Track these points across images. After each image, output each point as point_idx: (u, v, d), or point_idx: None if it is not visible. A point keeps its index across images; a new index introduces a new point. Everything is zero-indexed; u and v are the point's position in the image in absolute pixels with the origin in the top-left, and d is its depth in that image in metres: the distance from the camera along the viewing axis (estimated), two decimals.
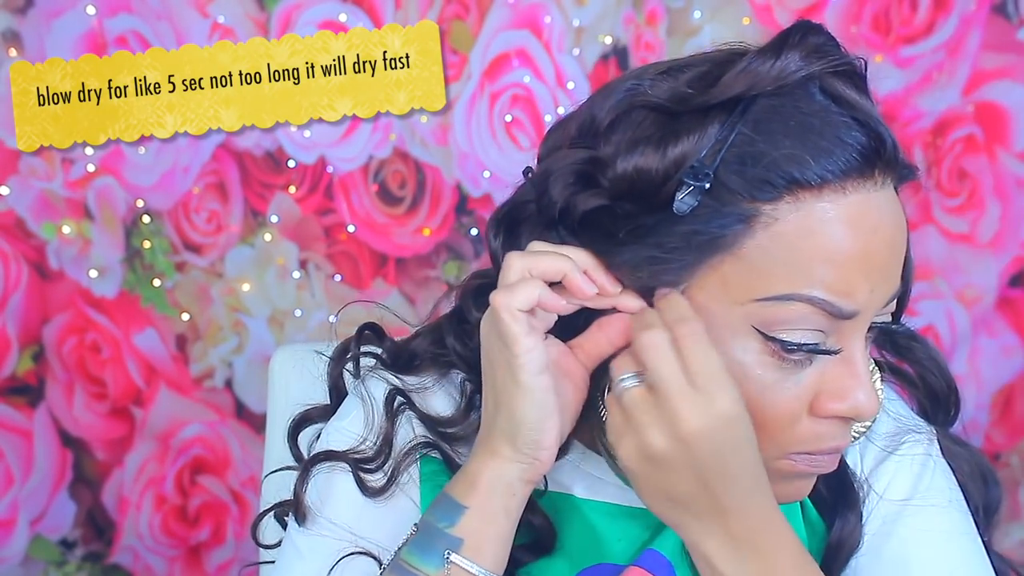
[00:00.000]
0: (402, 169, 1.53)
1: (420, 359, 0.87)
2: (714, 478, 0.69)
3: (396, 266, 1.55)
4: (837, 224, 0.69)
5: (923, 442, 0.84)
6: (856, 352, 0.72)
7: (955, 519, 0.82)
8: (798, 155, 0.69)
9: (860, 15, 1.51)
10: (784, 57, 0.71)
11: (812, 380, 0.72)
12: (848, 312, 0.70)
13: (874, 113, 0.72)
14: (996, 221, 1.57)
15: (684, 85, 0.72)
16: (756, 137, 0.70)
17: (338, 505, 0.83)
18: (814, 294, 0.69)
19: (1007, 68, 1.54)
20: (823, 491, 0.83)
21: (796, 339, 0.70)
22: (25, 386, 1.56)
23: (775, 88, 0.71)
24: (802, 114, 0.71)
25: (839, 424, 0.73)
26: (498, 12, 1.50)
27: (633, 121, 0.73)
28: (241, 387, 1.57)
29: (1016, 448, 1.63)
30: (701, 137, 0.71)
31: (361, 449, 0.84)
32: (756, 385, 0.71)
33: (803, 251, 0.69)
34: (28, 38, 1.48)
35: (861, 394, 0.72)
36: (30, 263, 1.53)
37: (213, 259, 1.54)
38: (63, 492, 1.58)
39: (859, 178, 0.70)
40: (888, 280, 0.72)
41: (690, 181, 0.70)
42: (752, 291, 0.70)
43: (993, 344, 1.60)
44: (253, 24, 1.49)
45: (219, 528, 1.60)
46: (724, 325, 0.71)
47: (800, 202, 0.69)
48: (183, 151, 1.51)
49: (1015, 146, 1.55)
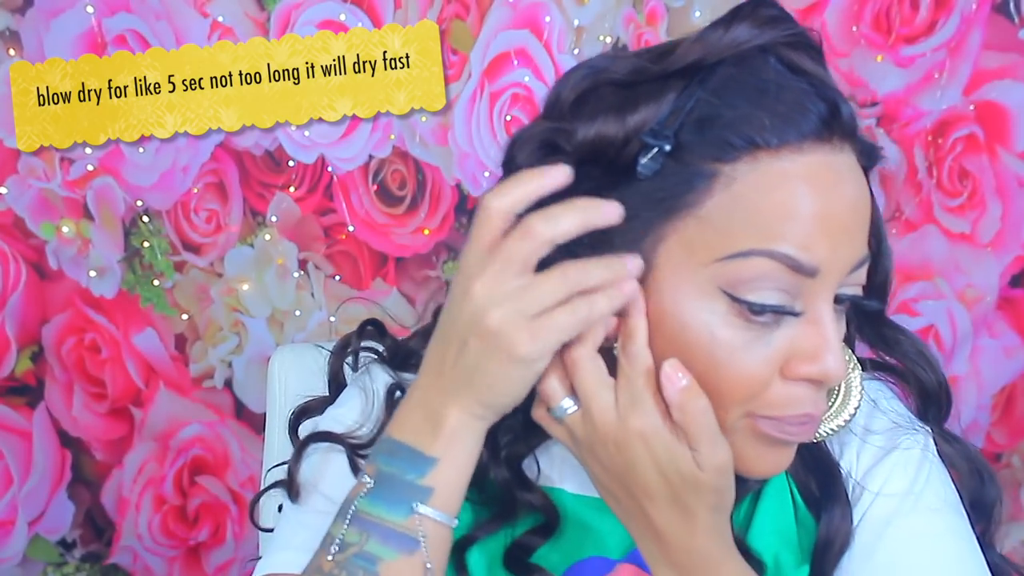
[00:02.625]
0: (402, 169, 1.53)
1: (416, 357, 0.87)
2: (641, 497, 0.73)
3: (396, 266, 1.55)
4: (795, 181, 0.71)
5: (919, 442, 0.84)
6: (824, 315, 0.73)
7: (949, 521, 0.82)
8: (756, 117, 0.71)
9: (861, 15, 1.51)
10: (735, 27, 0.74)
11: (782, 344, 0.73)
12: (809, 267, 0.71)
13: (830, 82, 0.75)
14: (997, 221, 1.56)
15: (643, 60, 0.75)
16: (715, 101, 0.72)
17: (332, 481, 0.84)
18: (775, 248, 0.71)
19: (1008, 68, 1.54)
20: (815, 488, 0.84)
21: (761, 299, 0.71)
22: (24, 386, 1.56)
23: (733, 58, 0.73)
24: (760, 80, 0.73)
25: (809, 388, 0.74)
26: (498, 12, 1.50)
27: (596, 97, 0.75)
28: (241, 387, 1.57)
29: (1017, 448, 1.63)
30: (659, 105, 0.73)
31: (357, 434, 0.85)
32: (726, 348, 0.72)
33: (762, 209, 0.71)
34: (28, 38, 1.48)
35: (830, 356, 0.72)
36: (29, 263, 1.53)
37: (213, 259, 1.54)
38: (62, 492, 1.58)
39: (816, 140, 0.72)
40: (851, 241, 0.73)
41: (650, 141, 0.72)
42: (715, 251, 0.71)
43: (994, 344, 1.60)
44: (253, 24, 1.49)
45: (218, 528, 1.60)
46: (692, 290, 0.72)
47: (758, 162, 0.71)
48: (183, 151, 1.51)
49: (1016, 146, 1.55)
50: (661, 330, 0.73)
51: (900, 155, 1.54)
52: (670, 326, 0.72)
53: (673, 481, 0.73)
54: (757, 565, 0.80)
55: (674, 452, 0.72)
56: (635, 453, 0.72)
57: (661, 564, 0.75)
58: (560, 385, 0.74)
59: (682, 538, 0.74)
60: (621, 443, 0.73)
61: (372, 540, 0.73)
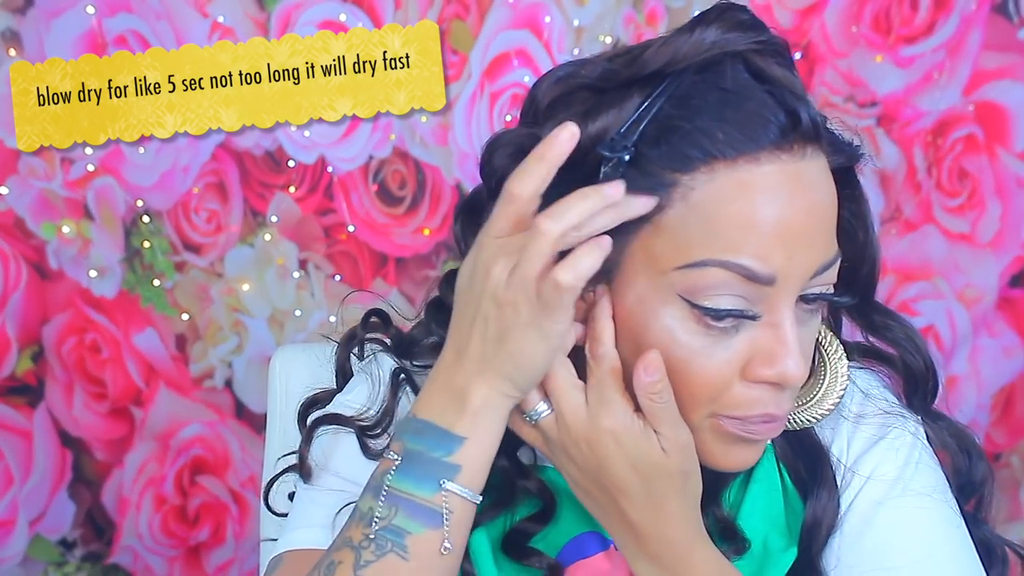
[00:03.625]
0: (402, 169, 1.53)
1: (419, 346, 0.90)
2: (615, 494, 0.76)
3: (396, 266, 1.55)
4: (750, 192, 0.72)
5: (909, 429, 0.86)
6: (784, 320, 0.74)
7: (938, 506, 0.83)
8: (713, 128, 0.72)
9: (860, 15, 1.51)
10: (701, 31, 0.74)
11: (742, 347, 0.74)
12: (764, 277, 0.72)
13: (795, 88, 0.75)
14: (996, 221, 1.57)
15: (615, 65, 0.76)
16: (675, 112, 0.73)
17: (343, 460, 0.86)
18: (729, 259, 0.72)
19: (1007, 68, 1.54)
20: (803, 473, 0.85)
21: (719, 305, 0.73)
22: (25, 386, 1.56)
23: (699, 65, 0.74)
24: (721, 89, 0.74)
25: (770, 390, 0.75)
26: (498, 12, 1.50)
27: (569, 101, 0.77)
28: (241, 387, 1.57)
29: (1016, 448, 1.63)
30: (620, 112, 0.74)
31: (365, 416, 0.87)
32: (685, 351, 0.74)
33: (718, 219, 0.72)
34: (28, 38, 1.48)
35: (790, 361, 0.74)
36: (30, 263, 1.53)
37: (213, 259, 1.54)
38: (63, 492, 1.58)
39: (774, 150, 0.73)
40: (809, 248, 0.74)
41: (607, 153, 0.73)
42: (674, 260, 0.73)
43: (994, 344, 1.60)
44: (253, 24, 1.49)
45: (219, 528, 1.60)
46: (654, 296, 0.74)
47: (715, 172, 0.72)
48: (183, 151, 1.51)
49: (1015, 146, 1.55)
50: (625, 333, 0.75)
51: (900, 155, 1.55)
52: (634, 329, 0.75)
53: (644, 472, 0.75)
54: (742, 544, 0.83)
55: (642, 444, 0.75)
56: (607, 451, 0.75)
57: (638, 558, 0.78)
58: (534, 390, 0.77)
59: (656, 529, 0.76)
60: (593, 442, 0.75)
61: (400, 514, 0.74)
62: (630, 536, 0.77)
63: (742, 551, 0.82)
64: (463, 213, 0.85)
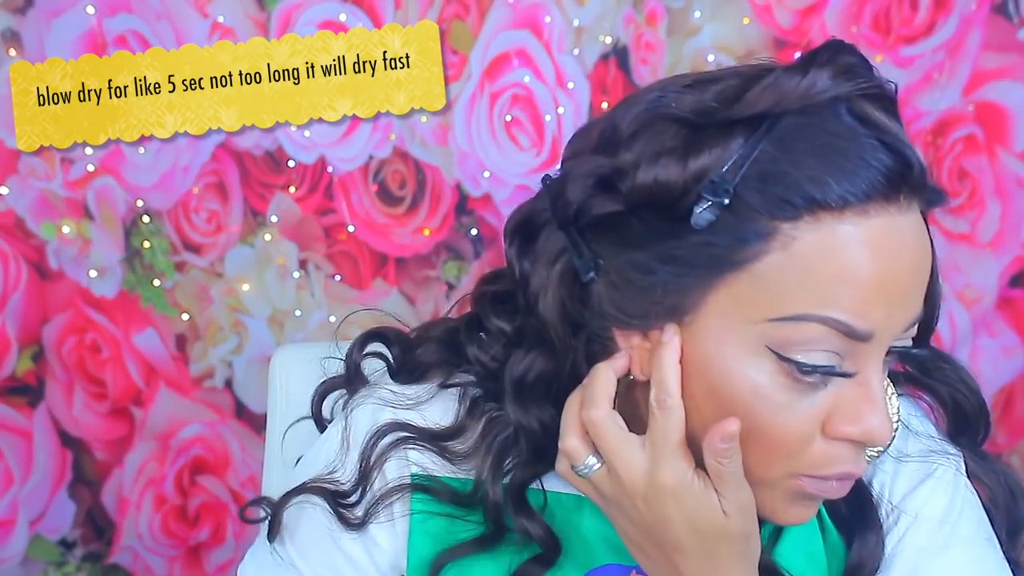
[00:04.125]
0: (402, 169, 1.53)
1: (428, 369, 0.86)
2: (671, 552, 0.74)
3: (396, 266, 1.55)
4: (857, 246, 0.68)
5: (952, 466, 0.83)
6: (872, 376, 0.71)
7: (988, 555, 0.81)
8: (820, 175, 0.68)
9: (860, 15, 1.51)
10: (811, 75, 0.70)
11: (826, 402, 0.71)
12: (864, 334, 0.69)
13: (903, 136, 0.71)
14: (996, 221, 1.57)
15: (709, 99, 0.72)
16: (779, 155, 0.69)
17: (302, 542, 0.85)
18: (829, 315, 0.68)
19: (1007, 68, 1.54)
20: (844, 511, 0.83)
21: (811, 360, 0.70)
22: (25, 386, 1.56)
23: (802, 107, 0.70)
24: (828, 134, 0.70)
25: (851, 448, 0.72)
26: (498, 12, 1.50)
27: (655, 132, 0.72)
28: (241, 387, 1.57)
29: (1016, 448, 1.63)
30: (723, 152, 0.70)
31: (332, 478, 0.84)
32: (769, 405, 0.71)
33: (821, 272, 0.68)
34: (28, 38, 1.48)
35: (875, 419, 0.71)
36: (30, 263, 1.53)
37: (213, 259, 1.54)
38: (63, 492, 1.58)
39: (883, 201, 0.69)
40: (907, 305, 0.71)
41: (709, 196, 0.69)
42: (767, 310, 0.69)
43: (993, 344, 1.60)
44: (253, 24, 1.49)
45: (219, 528, 1.60)
46: (738, 344, 0.70)
47: (820, 223, 0.68)
48: (183, 151, 1.51)
49: (1015, 146, 1.55)
50: (700, 379, 0.72)
51: None
52: (711, 377, 0.71)
53: (703, 533, 0.72)
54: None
55: (703, 504, 0.72)
56: (665, 510, 0.72)
57: None
58: (582, 443, 0.74)
59: None
60: (650, 499, 0.73)
61: None
62: None
63: None
64: (518, 235, 0.79)
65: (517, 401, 0.79)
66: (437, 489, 0.83)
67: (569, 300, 0.75)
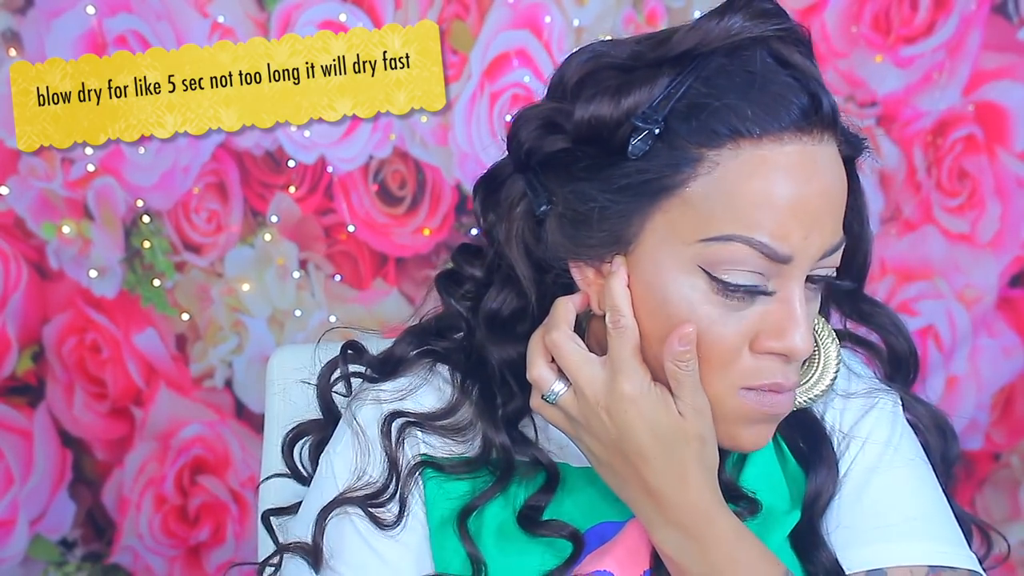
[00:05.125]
0: (402, 169, 1.53)
1: (404, 361, 0.91)
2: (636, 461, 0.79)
3: (396, 266, 1.55)
4: (774, 170, 0.76)
5: (891, 400, 0.92)
6: (793, 296, 0.78)
7: (926, 472, 0.90)
8: (741, 107, 0.76)
9: (860, 15, 1.51)
10: (729, 18, 0.78)
11: (753, 319, 0.79)
12: (783, 255, 0.77)
13: (816, 76, 0.79)
14: (996, 221, 1.56)
15: (642, 46, 0.81)
16: (704, 90, 0.78)
17: (348, 555, 0.86)
18: (753, 236, 0.76)
19: (1007, 68, 1.54)
20: (801, 444, 0.91)
21: (737, 280, 0.77)
22: (25, 386, 1.56)
23: (726, 49, 0.78)
24: (748, 72, 0.78)
25: (777, 361, 0.80)
26: (498, 12, 1.50)
27: (596, 79, 0.81)
28: (241, 387, 1.57)
29: (1016, 448, 1.63)
30: (652, 88, 0.78)
31: (361, 485, 0.87)
32: (703, 320, 0.78)
33: (742, 195, 0.76)
34: (28, 38, 1.48)
35: (796, 335, 0.78)
36: (30, 263, 1.53)
37: (213, 259, 1.54)
38: (63, 492, 1.58)
39: (797, 132, 0.77)
40: (822, 230, 0.78)
41: (641, 124, 0.77)
42: (697, 232, 0.77)
43: (993, 344, 1.60)
44: (253, 24, 1.49)
45: (219, 528, 1.60)
46: (674, 266, 0.78)
47: (740, 149, 0.76)
48: (183, 151, 1.51)
49: (1015, 146, 1.55)
50: (647, 300, 0.80)
51: (900, 155, 1.55)
52: (655, 297, 0.79)
53: (663, 436, 0.78)
54: (752, 503, 0.86)
55: (660, 407, 0.78)
56: (626, 416, 0.78)
57: (660, 524, 0.80)
58: (548, 370, 0.81)
59: (677, 494, 0.79)
60: (613, 409, 0.79)
61: None
62: (652, 504, 0.80)
63: (755, 512, 0.86)
64: (483, 188, 0.88)
65: (492, 338, 0.86)
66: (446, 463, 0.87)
67: (531, 240, 0.84)
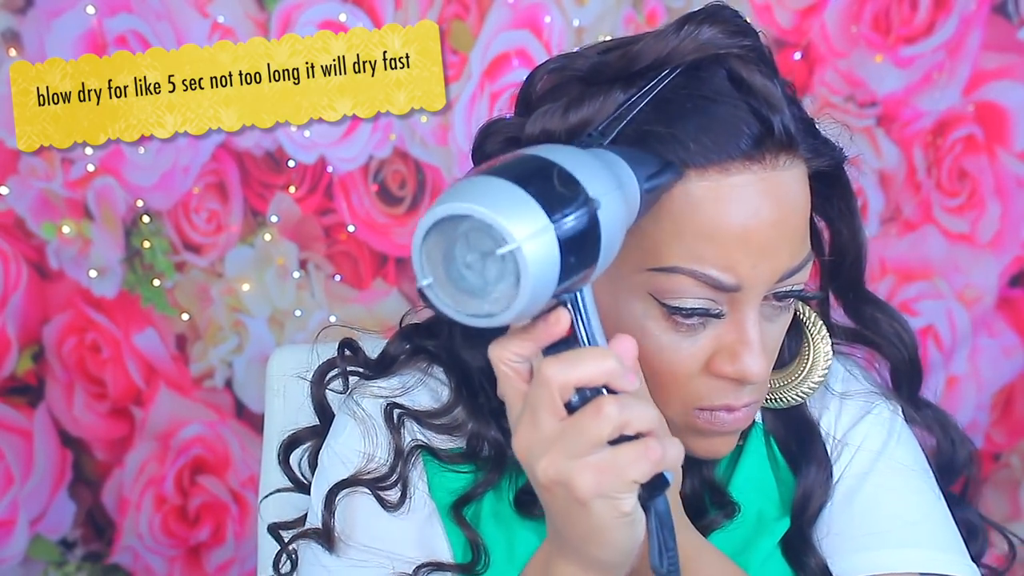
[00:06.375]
0: (402, 169, 1.53)
1: (397, 360, 0.91)
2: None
3: (396, 266, 1.55)
4: (717, 203, 0.74)
5: (889, 407, 0.90)
6: (746, 319, 0.76)
7: (922, 479, 0.88)
8: (686, 137, 0.74)
9: (860, 15, 1.51)
10: (688, 31, 0.75)
11: (707, 343, 0.77)
12: (729, 286, 0.75)
13: (772, 98, 0.75)
14: (996, 221, 1.57)
15: (606, 58, 0.78)
16: (654, 115, 0.75)
17: (365, 527, 0.86)
18: (696, 268, 0.74)
19: (1007, 68, 1.54)
20: (793, 447, 0.89)
21: (687, 306, 0.75)
22: (25, 386, 1.56)
23: (685, 67, 0.75)
24: (700, 96, 0.75)
25: (730, 384, 0.78)
26: (498, 12, 1.50)
27: (558, 93, 0.79)
28: (241, 387, 1.57)
29: (1016, 448, 1.63)
30: (604, 105, 0.76)
31: (371, 468, 0.86)
32: (655, 345, 0.77)
33: (686, 226, 0.74)
34: (28, 38, 1.48)
35: (749, 359, 0.76)
36: (30, 263, 1.53)
37: (213, 259, 1.54)
38: (63, 492, 1.58)
39: (745, 160, 0.74)
40: (773, 257, 0.75)
41: (582, 146, 0.72)
42: (645, 261, 0.75)
43: (993, 344, 1.60)
44: (253, 24, 1.49)
45: (219, 528, 1.60)
46: (628, 292, 0.77)
47: (685, 180, 0.74)
48: (183, 151, 1.51)
49: (1015, 146, 1.55)
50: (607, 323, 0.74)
51: (899, 155, 1.55)
52: (612, 321, 0.76)
53: None
54: (732, 509, 0.86)
55: None
56: None
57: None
58: None
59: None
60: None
61: None
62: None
63: (732, 515, 0.86)
64: None
65: (464, 343, 0.85)
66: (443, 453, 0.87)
67: None
